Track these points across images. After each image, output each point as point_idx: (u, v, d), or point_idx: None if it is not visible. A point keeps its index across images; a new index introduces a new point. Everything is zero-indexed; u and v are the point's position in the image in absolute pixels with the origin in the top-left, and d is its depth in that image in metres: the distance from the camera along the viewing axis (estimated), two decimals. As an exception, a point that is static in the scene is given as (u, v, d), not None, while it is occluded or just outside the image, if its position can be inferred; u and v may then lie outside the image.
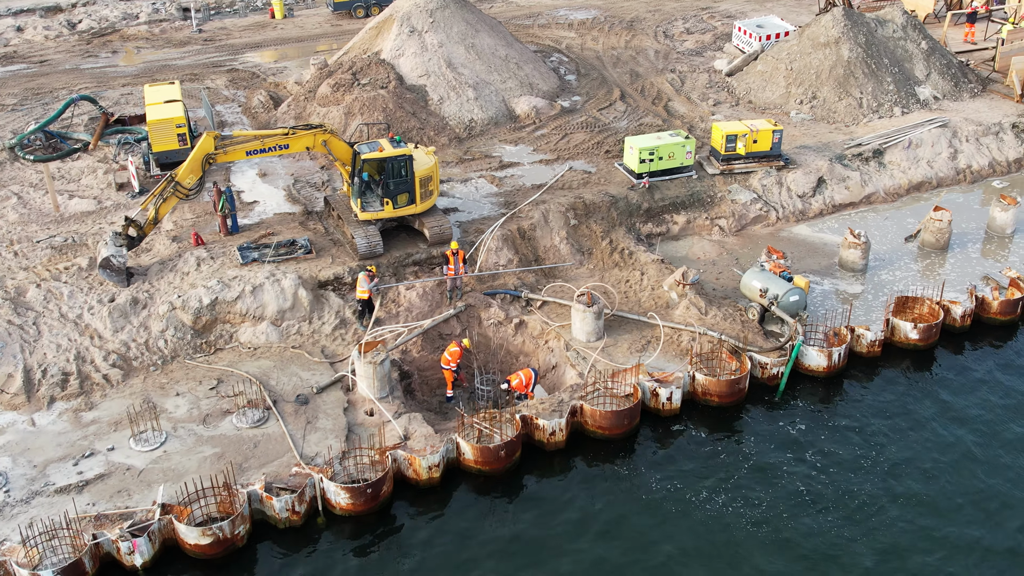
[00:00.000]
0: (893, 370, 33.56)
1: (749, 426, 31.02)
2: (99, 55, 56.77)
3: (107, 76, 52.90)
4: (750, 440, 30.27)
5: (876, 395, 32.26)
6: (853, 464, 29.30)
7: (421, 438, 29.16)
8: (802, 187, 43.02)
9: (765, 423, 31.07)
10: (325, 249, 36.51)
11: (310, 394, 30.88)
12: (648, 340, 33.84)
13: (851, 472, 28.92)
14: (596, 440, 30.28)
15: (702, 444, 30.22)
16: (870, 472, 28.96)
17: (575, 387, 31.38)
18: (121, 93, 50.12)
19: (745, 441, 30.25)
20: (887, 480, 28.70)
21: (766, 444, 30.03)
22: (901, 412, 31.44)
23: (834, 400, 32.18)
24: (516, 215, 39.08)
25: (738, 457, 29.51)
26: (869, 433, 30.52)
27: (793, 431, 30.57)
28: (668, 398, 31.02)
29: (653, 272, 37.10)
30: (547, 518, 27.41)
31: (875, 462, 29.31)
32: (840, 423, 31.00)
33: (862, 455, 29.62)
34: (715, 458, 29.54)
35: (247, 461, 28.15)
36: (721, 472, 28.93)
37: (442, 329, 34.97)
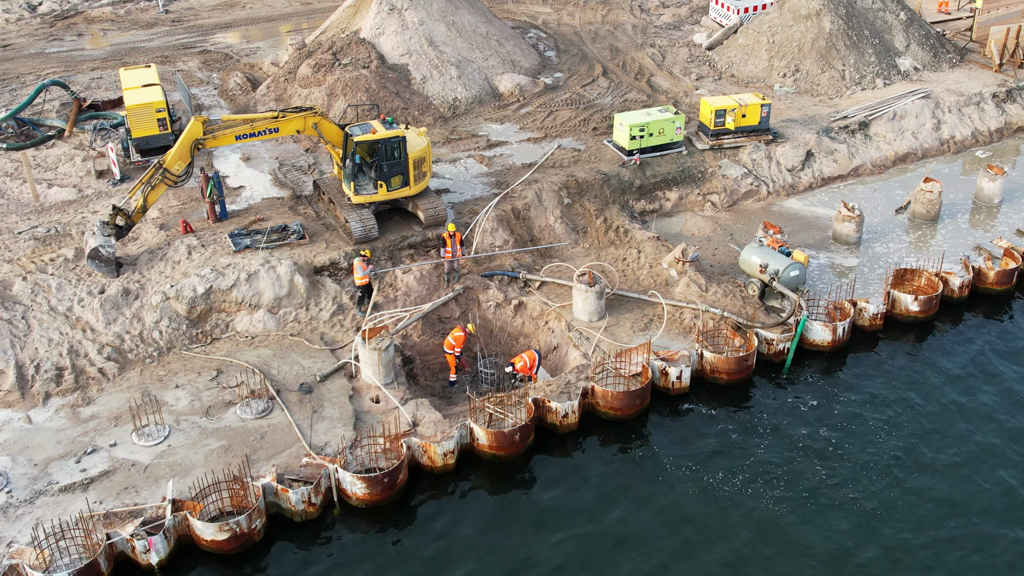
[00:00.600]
0: (896, 343, 33.84)
1: (759, 403, 31.11)
2: (64, 38, 55.30)
3: (74, 60, 51.56)
4: (762, 417, 30.37)
5: (882, 368, 32.51)
6: (868, 438, 29.51)
7: (430, 424, 28.91)
8: (791, 161, 43.15)
9: (775, 400, 31.18)
10: (318, 234, 36.01)
11: (313, 382, 30.49)
12: (650, 319, 33.80)
13: (867, 447, 29.12)
14: (608, 421, 30.24)
15: (714, 422, 30.26)
16: (885, 445, 29.21)
17: (581, 368, 31.26)
18: (91, 77, 48.88)
19: (757, 418, 30.34)
20: (904, 452, 28.91)
21: (779, 421, 30.14)
22: (909, 384, 31.72)
23: (841, 374, 32.38)
24: (509, 195, 38.79)
25: (752, 435, 29.59)
26: (879, 406, 30.77)
27: (804, 407, 30.70)
28: (678, 377, 31.03)
29: (650, 250, 37.04)
30: (566, 501, 27.33)
31: (889, 435, 29.57)
32: (850, 397, 31.21)
33: (876, 428, 29.86)
34: (728, 436, 29.60)
35: (255, 453, 27.73)
36: (736, 451, 29.01)
37: (441, 312, 34.66)
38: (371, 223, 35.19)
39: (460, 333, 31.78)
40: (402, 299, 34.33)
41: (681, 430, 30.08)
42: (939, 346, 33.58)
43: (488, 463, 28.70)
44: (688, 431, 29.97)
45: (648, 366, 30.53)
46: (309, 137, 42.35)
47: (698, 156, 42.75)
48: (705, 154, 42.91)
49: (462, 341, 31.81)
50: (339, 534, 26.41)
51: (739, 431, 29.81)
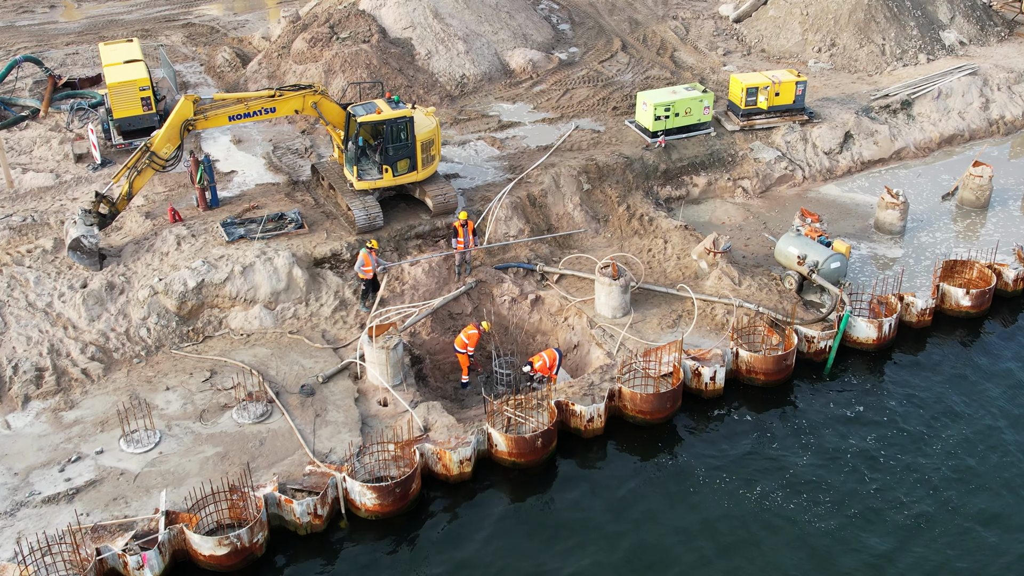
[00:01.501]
0: (946, 340, 33.74)
1: (800, 407, 31.03)
2: (35, 10, 55.14)
3: (47, 34, 51.39)
4: (803, 423, 30.25)
5: (933, 368, 32.41)
6: (920, 448, 29.16)
7: (443, 429, 28.82)
8: (828, 143, 43.04)
9: (817, 404, 31.09)
10: (317, 223, 35.89)
11: (315, 384, 30.39)
12: (679, 314, 33.71)
13: (920, 458, 28.78)
14: (635, 426, 30.15)
15: (750, 428, 30.16)
16: (941, 458, 28.80)
17: (605, 368, 31.15)
18: (66, 53, 48.74)
19: (798, 424, 30.23)
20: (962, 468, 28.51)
21: (821, 428, 30.01)
22: (963, 386, 31.61)
23: (888, 375, 32.26)
24: (524, 180, 38.73)
25: (792, 443, 29.47)
26: (931, 411, 30.61)
27: (850, 412, 30.57)
28: (711, 378, 30.92)
29: (677, 240, 36.94)
30: (592, 514, 27.23)
31: (945, 444, 29.29)
32: (899, 401, 31.08)
33: (929, 437, 29.60)
34: (767, 444, 29.49)
35: (254, 460, 27.64)
36: (776, 461, 28.86)
37: (451, 308, 34.55)
38: (375, 211, 35.06)
39: (474, 331, 31.67)
40: (410, 293, 34.23)
41: (715, 436, 29.98)
42: (993, 343, 33.48)
43: (507, 471, 28.62)
44: (722, 437, 29.88)
45: (679, 366, 30.40)
46: (306, 118, 42.24)
47: (727, 138, 42.61)
48: (735, 136, 42.78)
49: (476, 340, 31.72)
50: (347, 548, 26.30)
51: (778, 438, 29.71)
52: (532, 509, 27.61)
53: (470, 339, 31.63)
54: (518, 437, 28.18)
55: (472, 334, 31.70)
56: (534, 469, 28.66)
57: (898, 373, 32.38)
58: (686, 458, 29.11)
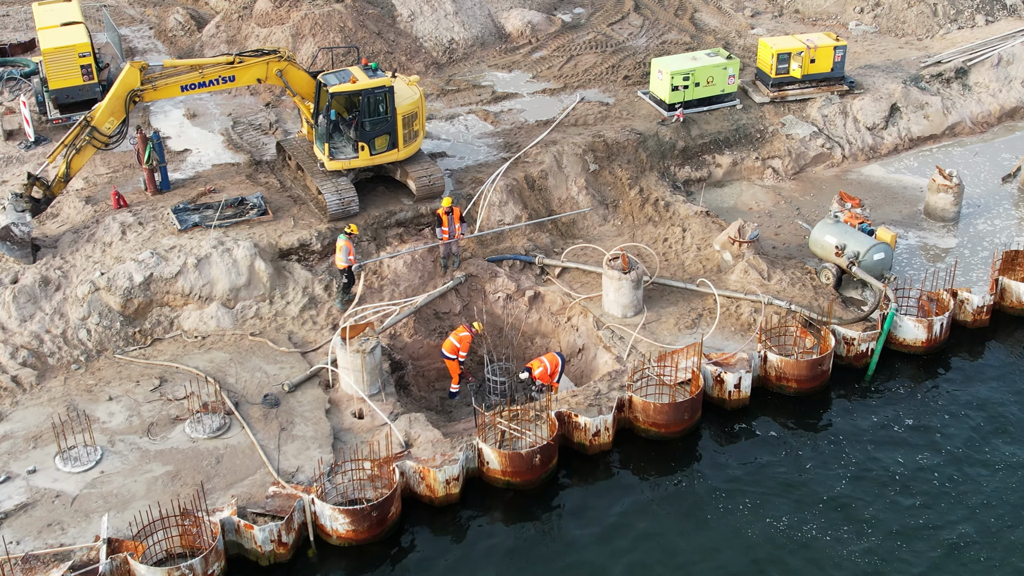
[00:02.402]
0: (1006, 342, 33.89)
1: (837, 421, 31.12)
2: (-41, -35, 55.10)
3: (-27, -7, 51.49)
4: (840, 440, 30.34)
5: (991, 376, 32.49)
6: (980, 471, 29.05)
7: (427, 444, 28.94)
8: (872, 117, 43.16)
9: (857, 416, 31.17)
10: (283, 208, 36.00)
11: (281, 393, 30.51)
12: (699, 313, 33.85)
13: (981, 483, 28.66)
14: (648, 440, 30.27)
15: (780, 444, 30.27)
16: (1005, 487, 28.53)
17: (614, 375, 31.27)
18: (-5, 14, 48.85)
19: (834, 441, 30.30)
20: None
21: (862, 445, 30.04)
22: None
23: (939, 384, 32.35)
24: (521, 160, 38.84)
25: (829, 464, 29.46)
26: (991, 428, 30.52)
27: (896, 427, 30.63)
28: (736, 385, 31.02)
29: (697, 227, 37.05)
30: (597, 541, 27.29)
31: (1010, 471, 29.08)
32: (952, 415, 31.07)
33: (991, 458, 29.44)
34: (799, 463, 29.55)
35: (210, 481, 27.74)
36: (809, 483, 28.83)
37: (438, 306, 34.67)
38: (350, 195, 35.16)
39: (465, 333, 31.76)
40: (389, 289, 34.33)
41: (739, 453, 30.07)
42: (1060, 347, 33.65)
43: (501, 492, 28.68)
44: (748, 455, 29.97)
45: (699, 372, 30.50)
46: (271, 88, 42.35)
47: (756, 111, 42.72)
48: (764, 109, 42.89)
49: (467, 343, 31.81)
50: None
51: (812, 457, 29.79)
52: (529, 537, 27.63)
53: (461, 342, 31.71)
54: (513, 453, 28.25)
55: (463, 337, 31.77)
56: (532, 490, 28.71)
57: (951, 381, 32.46)
58: (705, 478, 29.20)
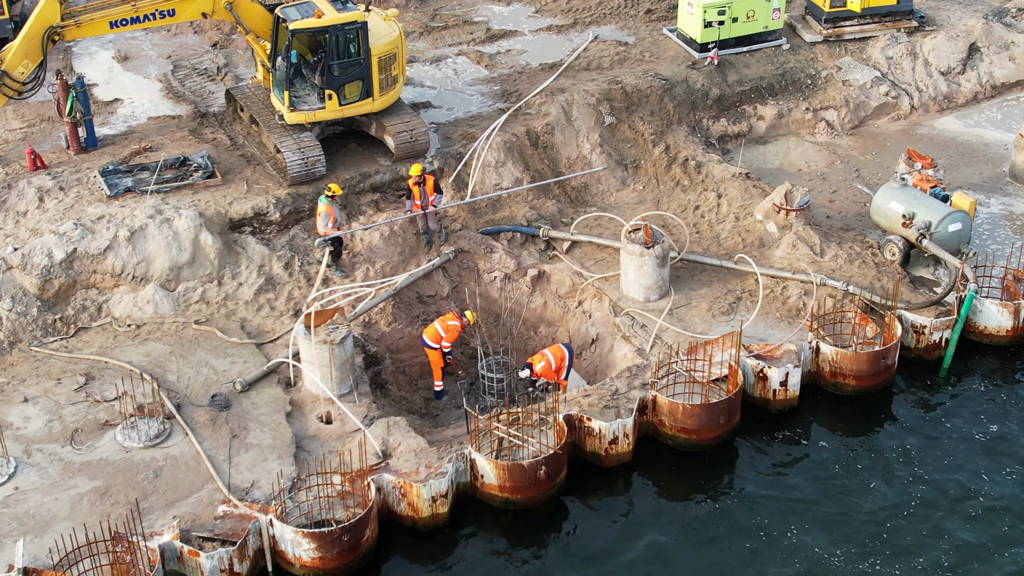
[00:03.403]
0: (1108, 330, 33.83)
1: (906, 426, 31.04)
2: None
3: None
4: (907, 449, 30.19)
5: (1092, 370, 32.57)
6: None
7: (409, 454, 28.90)
8: (946, 59, 43.18)
9: (930, 421, 31.12)
10: (234, 170, 36.00)
11: (232, 393, 30.49)
12: (737, 296, 33.83)
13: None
14: (675, 449, 30.21)
15: (837, 455, 30.12)
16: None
17: (635, 370, 31.24)
18: None
19: (903, 452, 30.13)
20: None
21: (937, 457, 29.82)
22: None
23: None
24: (522, 111, 38.81)
25: (896, 480, 29.23)
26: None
27: (978, 433, 30.49)
28: (782, 383, 30.94)
29: (735, 193, 37.00)
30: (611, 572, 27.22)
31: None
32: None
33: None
34: (860, 480, 29.30)
35: (147, 499, 27.72)
36: (873, 506, 28.59)
37: (421, 288, 34.67)
38: (314, 153, 35.13)
39: (454, 322, 31.72)
40: (363, 268, 34.32)
41: (786, 465, 29.94)
42: None
43: (498, 512, 28.66)
44: (797, 469, 29.84)
45: (737, 367, 30.41)
46: (218, 25, 42.23)
47: (806, 52, 42.73)
48: (816, 49, 42.90)
49: (456, 333, 31.76)
50: (275, 620, 26.47)
51: (877, 471, 29.62)
52: (531, 566, 27.61)
53: (448, 332, 31.66)
54: (513, 465, 28.18)
55: (451, 325, 31.73)
56: (535, 509, 28.67)
57: (1042, 376, 32.56)
58: (744, 498, 29.11)
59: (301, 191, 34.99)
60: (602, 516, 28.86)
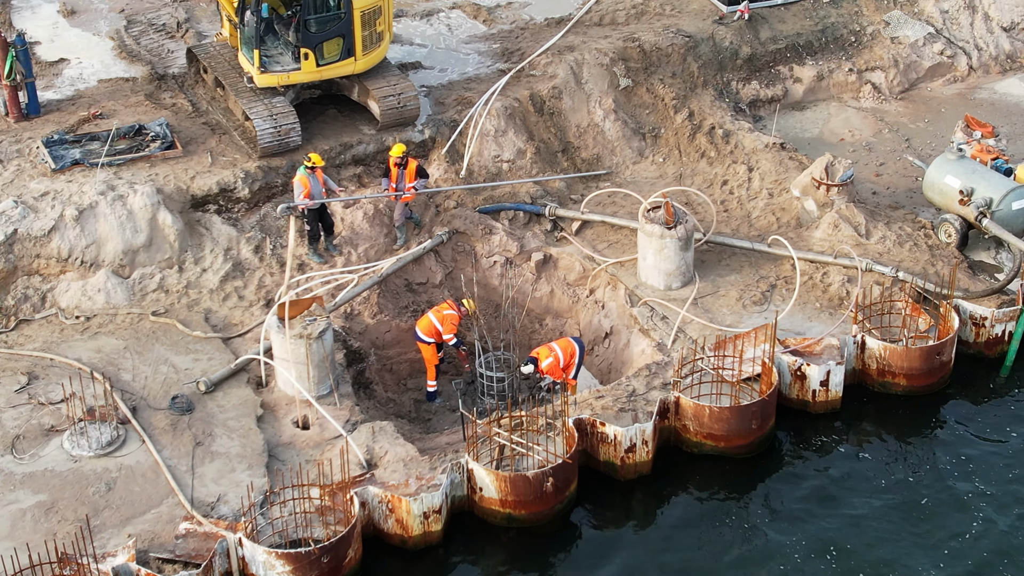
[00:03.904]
0: None
1: (965, 432, 30.95)
2: None
3: None
4: (968, 461, 30.00)
5: None
6: None
7: (398, 464, 28.86)
8: (1009, 13, 43.41)
9: (992, 426, 31.04)
10: (197, 140, 36.09)
11: (195, 394, 30.47)
12: (771, 283, 33.85)
13: None
14: (703, 458, 30.16)
15: (885, 468, 30.01)
16: None
17: (654, 368, 31.24)
18: None
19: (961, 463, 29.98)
20: None
21: (1003, 470, 29.76)
22: None
23: (1106, 379, 32.51)
24: (525, 73, 38.89)
25: (959, 496, 29.11)
26: None
27: (1049, 440, 30.72)
28: (823, 382, 30.90)
29: (769, 166, 37.05)
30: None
31: None
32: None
33: None
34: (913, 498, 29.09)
35: (98, 515, 27.68)
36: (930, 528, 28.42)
37: (411, 275, 34.70)
38: (289, 121, 35.14)
39: (451, 311, 31.72)
40: (345, 251, 34.32)
41: (827, 478, 29.87)
42: None
43: (499, 530, 28.63)
44: (839, 481, 29.76)
45: (772, 364, 30.39)
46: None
47: (849, 5, 42.80)
48: (861, 2, 42.97)
49: (455, 324, 31.74)
50: (245, 652, 26.49)
51: (930, 485, 29.53)
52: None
53: (445, 323, 31.64)
54: (516, 476, 28.13)
55: (448, 316, 31.69)
56: (541, 526, 28.64)
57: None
58: (779, 514, 29.02)
59: (273, 164, 34.96)
60: (617, 534, 28.87)
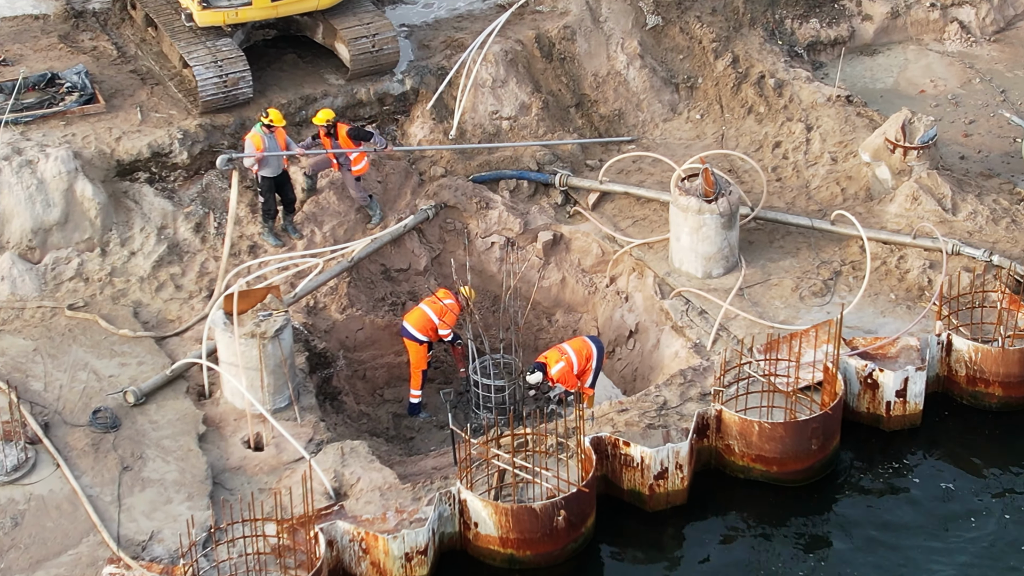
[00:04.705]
0: None
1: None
2: None
3: None
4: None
5: None
6: None
7: (372, 494, 28.87)
8: None
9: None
10: (124, 92, 36.35)
11: (122, 407, 30.51)
12: (835, 270, 33.96)
13: None
14: (750, 485, 30.18)
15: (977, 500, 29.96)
16: None
17: (690, 375, 31.30)
18: None
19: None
20: None
21: None
22: None
23: None
24: (530, 9, 39.27)
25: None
26: None
27: None
28: (899, 392, 30.90)
29: (831, 123, 37.28)
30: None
31: None
32: None
33: None
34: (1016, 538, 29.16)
35: (3, 556, 27.76)
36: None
37: (389, 259, 34.95)
38: (237, 68, 35.34)
39: (451, 300, 32.06)
40: (308, 229, 34.57)
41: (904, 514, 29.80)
42: None
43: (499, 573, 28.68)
44: (921, 516, 29.68)
45: (836, 370, 30.35)
46: None
47: (930, -79, 42.86)
48: (945, -83, 43.04)
49: (455, 316, 32.05)
50: None
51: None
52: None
53: (445, 315, 31.90)
54: (520, 509, 28.07)
55: (449, 306, 31.99)
56: (551, 569, 28.65)
57: None
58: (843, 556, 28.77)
59: (218, 121, 35.10)
60: (642, 582, 28.98)
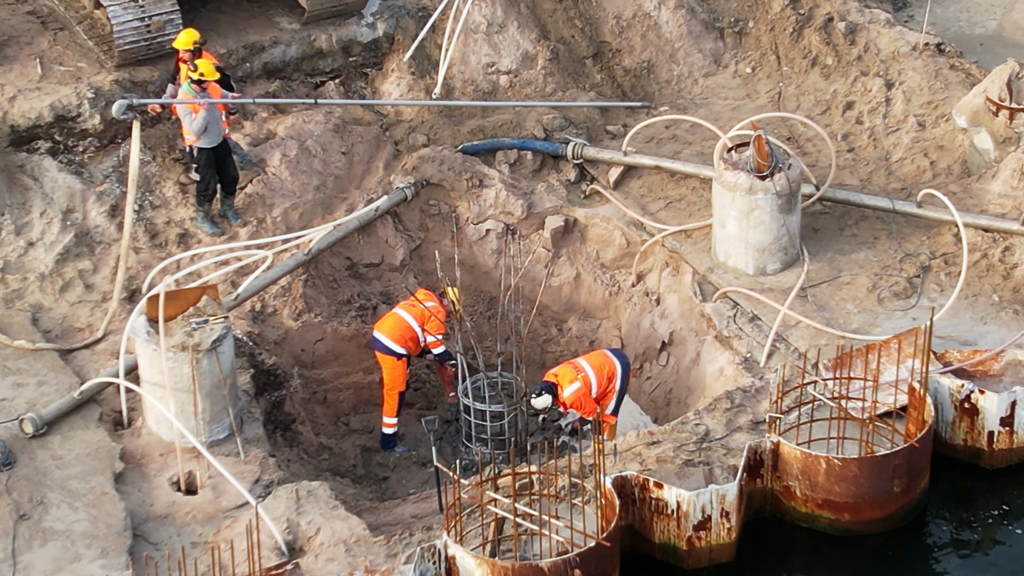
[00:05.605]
0: None
1: None
2: None
3: None
4: None
5: None
6: None
7: (335, 549, 28.97)
8: None
9: None
10: (18, 40, 36.79)
11: (17, 439, 30.61)
12: (922, 264, 34.01)
13: None
14: (814, 538, 30.19)
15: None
16: None
17: (738, 397, 31.43)
18: None
19: None
20: None
21: None
22: None
23: None
24: (533, -64, 39.34)
25: None
26: None
27: None
28: (1005, 419, 30.91)
29: (918, 79, 37.54)
30: None
31: None
32: None
33: None
34: None
35: None
36: None
37: (357, 251, 35.18)
38: (163, 8, 35.54)
39: (433, 303, 32.29)
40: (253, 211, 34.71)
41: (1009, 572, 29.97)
42: None
43: (495, 650, 28.78)
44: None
45: (924, 392, 30.36)
46: None
47: None
48: None
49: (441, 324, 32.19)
50: None
51: None
52: None
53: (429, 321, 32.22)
54: (523, 567, 28.06)
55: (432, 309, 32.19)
56: (564, 646, 28.76)
57: None
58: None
59: (139, 76, 35.34)
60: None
